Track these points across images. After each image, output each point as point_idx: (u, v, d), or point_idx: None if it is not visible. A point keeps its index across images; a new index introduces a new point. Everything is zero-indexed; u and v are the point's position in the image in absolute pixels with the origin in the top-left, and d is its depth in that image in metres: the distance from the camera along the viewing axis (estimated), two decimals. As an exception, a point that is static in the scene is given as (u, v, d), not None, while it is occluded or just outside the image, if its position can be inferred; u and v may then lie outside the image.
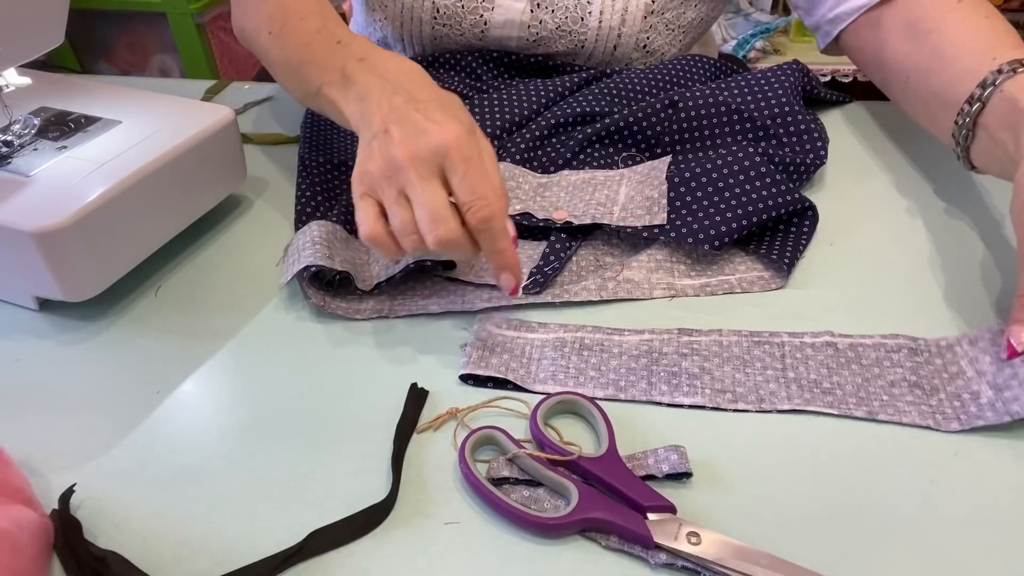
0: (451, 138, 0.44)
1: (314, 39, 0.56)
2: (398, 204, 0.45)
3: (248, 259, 0.58)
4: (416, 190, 0.44)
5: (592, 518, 0.38)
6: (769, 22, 1.83)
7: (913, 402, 0.44)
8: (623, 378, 0.46)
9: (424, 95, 0.48)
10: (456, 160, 0.44)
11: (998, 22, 0.58)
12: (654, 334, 0.49)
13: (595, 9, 0.71)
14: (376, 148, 0.46)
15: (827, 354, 0.47)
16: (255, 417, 0.45)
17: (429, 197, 0.44)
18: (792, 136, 0.61)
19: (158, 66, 1.96)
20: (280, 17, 0.60)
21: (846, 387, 0.45)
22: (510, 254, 0.46)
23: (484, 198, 0.44)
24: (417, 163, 0.44)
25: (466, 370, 0.46)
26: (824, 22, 0.68)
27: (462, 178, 0.44)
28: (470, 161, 0.44)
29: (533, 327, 0.50)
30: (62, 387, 0.47)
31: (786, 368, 0.46)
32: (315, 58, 0.56)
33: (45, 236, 0.46)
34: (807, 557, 0.36)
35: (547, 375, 0.46)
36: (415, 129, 0.45)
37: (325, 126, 0.72)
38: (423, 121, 0.46)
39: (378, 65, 0.51)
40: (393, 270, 0.52)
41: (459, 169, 0.44)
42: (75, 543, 0.37)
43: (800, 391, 0.45)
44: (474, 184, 0.44)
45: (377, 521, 0.39)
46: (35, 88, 0.62)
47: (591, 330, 0.49)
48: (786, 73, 0.64)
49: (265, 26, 0.61)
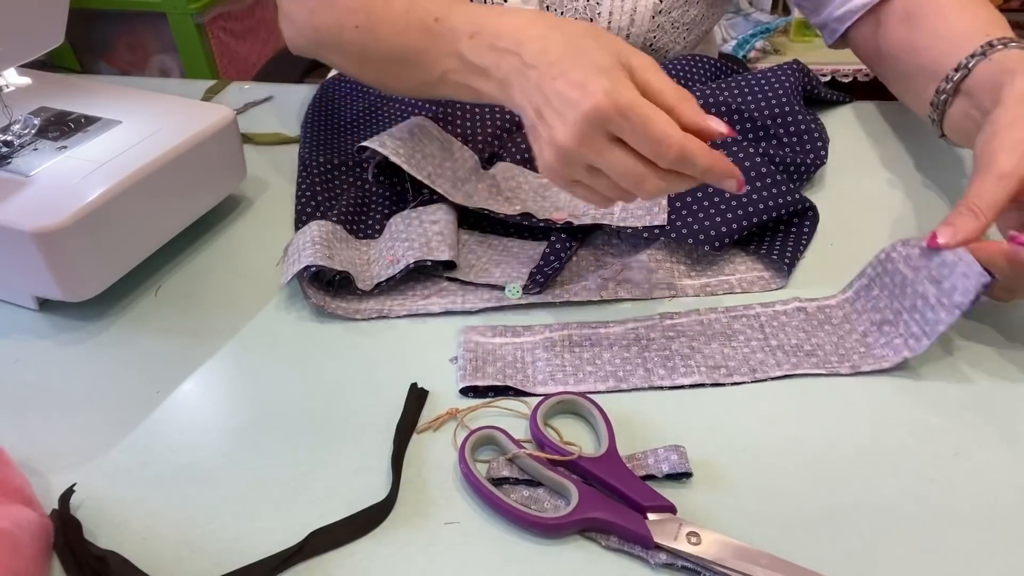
0: (600, 99, 0.41)
1: (409, 24, 0.52)
2: (595, 177, 0.44)
3: (248, 259, 0.58)
4: (600, 163, 0.43)
5: (592, 518, 0.38)
6: (769, 22, 1.83)
7: (886, 343, 0.47)
8: (620, 368, 0.47)
9: (553, 54, 0.44)
10: (616, 119, 0.41)
11: (993, 12, 0.59)
12: (637, 322, 0.50)
13: (604, 11, 0.71)
14: (541, 138, 0.45)
15: (800, 319, 0.50)
16: (255, 417, 0.45)
17: (613, 166, 0.43)
18: (792, 136, 0.61)
19: (158, 66, 1.96)
20: (362, 7, 0.54)
21: (826, 347, 0.47)
22: (719, 162, 0.42)
23: (661, 139, 0.41)
24: (583, 140, 0.42)
25: (464, 383, 0.46)
26: (831, 20, 0.70)
27: (631, 134, 0.42)
28: (630, 110, 0.41)
29: (519, 331, 0.50)
30: (62, 387, 0.47)
31: (767, 336, 0.48)
32: (419, 47, 0.51)
33: (45, 236, 0.46)
34: (807, 557, 0.36)
35: (545, 376, 0.46)
36: (563, 103, 0.43)
37: (326, 126, 0.72)
38: (566, 90, 0.43)
39: (493, 39, 0.48)
40: (393, 270, 0.52)
41: (624, 127, 0.41)
42: (75, 543, 0.37)
43: (786, 356, 0.47)
44: (645, 131, 0.41)
45: (377, 521, 0.39)
46: (35, 88, 0.62)
47: (576, 326, 0.50)
48: (786, 73, 0.65)
49: (348, 21, 0.55)
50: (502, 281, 0.53)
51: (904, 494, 0.40)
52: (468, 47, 0.49)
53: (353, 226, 0.58)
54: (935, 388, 0.46)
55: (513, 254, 0.56)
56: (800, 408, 0.45)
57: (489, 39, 0.48)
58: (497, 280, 0.53)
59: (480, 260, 0.56)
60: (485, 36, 0.48)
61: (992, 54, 0.54)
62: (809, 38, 1.87)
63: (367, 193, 0.61)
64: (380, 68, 0.56)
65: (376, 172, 0.60)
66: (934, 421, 0.44)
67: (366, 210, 0.60)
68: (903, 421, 0.44)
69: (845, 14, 0.68)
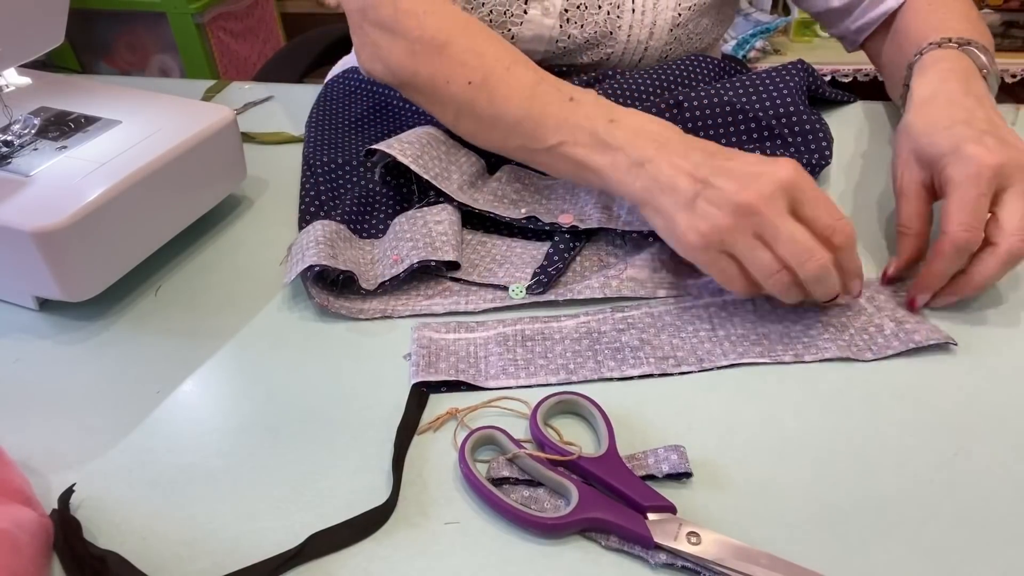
0: (792, 170, 0.44)
1: (536, 95, 0.53)
2: (756, 248, 0.45)
3: (248, 259, 0.58)
4: (776, 229, 0.44)
5: (592, 518, 0.38)
6: (769, 22, 1.83)
7: (830, 339, 0.48)
8: (571, 361, 0.48)
9: (711, 148, 0.48)
10: (805, 189, 0.44)
11: (963, 12, 0.63)
12: (589, 316, 0.51)
13: (624, 24, 0.71)
14: (708, 204, 0.45)
15: (747, 309, 0.51)
16: (255, 417, 0.45)
17: (792, 232, 0.44)
18: (797, 136, 0.61)
19: (158, 66, 1.96)
20: (479, 66, 0.55)
21: (772, 336, 0.49)
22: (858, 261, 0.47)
23: (840, 216, 0.45)
24: (770, 202, 0.44)
25: (416, 379, 0.46)
26: (849, 32, 0.74)
27: (814, 205, 0.44)
28: (815, 188, 0.45)
29: (472, 327, 0.50)
30: (62, 387, 0.47)
31: (715, 327, 0.49)
32: (544, 115, 0.52)
33: (45, 236, 0.46)
34: (807, 557, 0.36)
35: (497, 370, 0.47)
36: (746, 174, 0.45)
37: (330, 125, 0.72)
38: (748, 165, 0.45)
39: (637, 126, 0.50)
40: (397, 269, 0.52)
41: (810, 197, 0.44)
42: (75, 543, 0.37)
43: (732, 346, 0.48)
44: (828, 206, 0.45)
45: (377, 524, 0.39)
46: (35, 88, 0.62)
47: (529, 321, 0.50)
48: (791, 73, 0.64)
49: (458, 75, 0.55)
50: (506, 281, 0.53)
51: (904, 494, 0.40)
52: (605, 128, 0.50)
53: (357, 226, 0.58)
54: (935, 388, 0.46)
55: (517, 254, 0.56)
56: (800, 408, 0.45)
57: (632, 127, 0.50)
58: (501, 280, 0.53)
59: (484, 260, 0.56)
60: (627, 124, 0.50)
61: (928, 52, 0.58)
62: (809, 38, 1.87)
63: (371, 193, 0.61)
64: (482, 125, 0.57)
65: (383, 172, 0.60)
66: (934, 421, 0.44)
67: (370, 210, 0.60)
68: (903, 421, 0.44)
69: (863, 26, 0.72)
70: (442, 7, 0.58)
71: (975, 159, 0.47)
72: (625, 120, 0.51)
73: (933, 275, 0.48)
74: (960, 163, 0.48)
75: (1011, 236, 0.46)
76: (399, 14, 0.57)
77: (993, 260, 0.46)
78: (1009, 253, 0.46)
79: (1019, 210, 0.46)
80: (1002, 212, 0.47)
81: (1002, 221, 0.46)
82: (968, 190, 0.47)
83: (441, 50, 0.56)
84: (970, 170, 0.47)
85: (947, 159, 0.49)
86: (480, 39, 0.56)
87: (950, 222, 0.47)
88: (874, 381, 0.46)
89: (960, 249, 0.47)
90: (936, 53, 0.58)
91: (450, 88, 0.56)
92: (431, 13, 0.57)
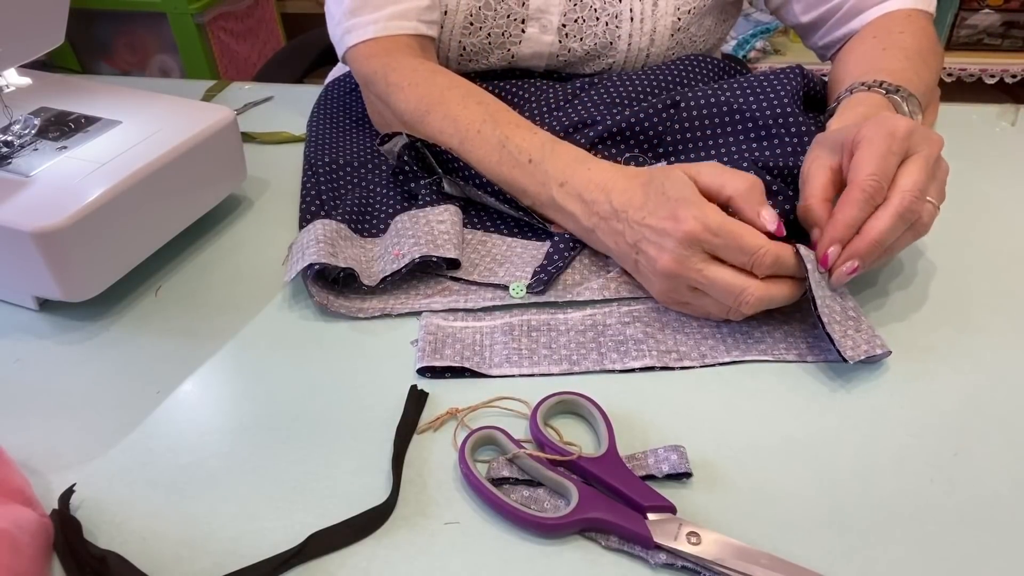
0: (691, 224, 0.45)
1: (503, 158, 0.56)
2: (700, 296, 0.48)
3: (248, 259, 0.58)
4: (701, 283, 0.47)
5: (592, 518, 0.38)
6: (769, 22, 1.83)
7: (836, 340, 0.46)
8: (574, 352, 0.48)
9: (637, 200, 0.49)
10: (709, 239, 0.45)
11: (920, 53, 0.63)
12: (596, 308, 0.51)
13: (623, 33, 0.71)
14: (646, 271, 0.49)
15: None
16: (255, 417, 0.45)
17: (714, 279, 0.46)
18: (794, 137, 0.61)
19: (158, 66, 1.96)
20: (455, 132, 0.59)
21: (775, 334, 0.49)
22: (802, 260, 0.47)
23: (755, 249, 0.45)
24: (685, 263, 0.46)
25: (422, 363, 0.47)
26: (818, 47, 0.76)
27: (725, 251, 0.46)
28: (720, 228, 0.45)
29: (479, 316, 0.51)
30: (62, 387, 0.47)
31: (719, 324, 0.50)
32: (511, 178, 0.56)
33: (45, 236, 0.46)
34: (807, 557, 0.36)
35: (501, 359, 0.47)
36: (659, 236, 0.47)
37: (331, 126, 0.72)
38: (660, 224, 0.47)
39: (581, 190, 0.53)
40: (398, 264, 0.52)
41: (717, 245, 0.45)
42: (75, 543, 0.37)
43: (736, 343, 0.49)
44: (738, 245, 0.45)
45: (377, 524, 0.39)
46: (35, 88, 0.62)
47: (536, 311, 0.51)
48: (788, 76, 0.64)
49: (443, 141, 0.59)
50: (506, 281, 0.53)
51: (904, 494, 0.40)
52: (558, 193, 0.54)
53: (358, 225, 0.58)
54: (935, 388, 0.46)
55: (517, 254, 0.56)
56: (800, 408, 0.45)
57: (578, 189, 0.53)
58: (501, 280, 0.53)
59: (484, 260, 0.56)
60: (574, 186, 0.53)
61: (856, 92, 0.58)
62: (809, 38, 1.87)
63: (372, 193, 0.61)
64: (480, 170, 0.59)
65: (395, 166, 0.61)
66: (934, 421, 0.44)
67: (371, 209, 0.60)
68: (903, 421, 0.44)
69: (829, 44, 0.73)
70: (425, 78, 0.62)
71: (890, 120, 0.48)
72: (573, 182, 0.53)
73: (841, 224, 0.46)
74: (875, 124, 0.48)
75: (904, 191, 0.46)
76: (389, 88, 0.63)
77: (885, 214, 0.46)
78: (900, 207, 0.46)
79: (916, 172, 0.46)
80: (900, 173, 0.47)
81: (898, 180, 0.47)
82: (880, 144, 0.47)
83: (424, 120, 0.61)
84: (885, 128, 0.47)
85: (862, 128, 0.48)
86: (453, 105, 0.60)
87: (859, 172, 0.46)
88: (874, 381, 0.46)
89: (868, 196, 0.46)
90: (860, 96, 0.57)
91: (450, 144, 0.59)
92: (415, 85, 0.62)
